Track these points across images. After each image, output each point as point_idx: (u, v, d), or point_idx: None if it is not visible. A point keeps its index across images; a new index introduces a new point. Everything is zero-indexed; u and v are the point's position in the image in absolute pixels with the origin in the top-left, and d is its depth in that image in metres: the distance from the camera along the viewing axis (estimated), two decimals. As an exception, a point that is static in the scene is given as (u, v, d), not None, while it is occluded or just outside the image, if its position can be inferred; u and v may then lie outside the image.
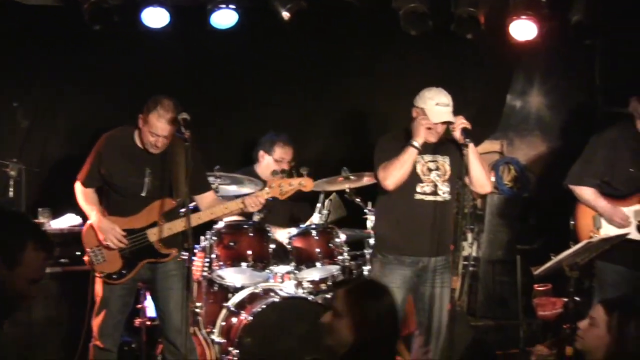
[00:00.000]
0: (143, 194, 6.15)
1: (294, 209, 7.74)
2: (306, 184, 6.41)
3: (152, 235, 6.14)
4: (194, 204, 6.38)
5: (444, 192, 6.45)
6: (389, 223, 6.57)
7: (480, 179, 6.51)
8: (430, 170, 6.46)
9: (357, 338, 3.92)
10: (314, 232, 7.09)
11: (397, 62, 8.56)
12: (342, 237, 7.15)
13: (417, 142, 6.30)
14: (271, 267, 6.92)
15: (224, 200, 6.46)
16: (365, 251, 7.36)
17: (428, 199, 6.44)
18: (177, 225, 6.13)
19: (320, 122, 8.65)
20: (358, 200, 7.40)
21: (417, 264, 6.46)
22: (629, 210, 6.86)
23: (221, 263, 6.79)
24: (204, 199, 6.39)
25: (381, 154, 6.52)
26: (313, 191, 7.21)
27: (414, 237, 6.45)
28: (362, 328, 3.91)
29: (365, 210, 7.40)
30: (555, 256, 6.32)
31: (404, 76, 8.46)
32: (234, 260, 6.80)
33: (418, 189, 6.44)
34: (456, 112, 6.40)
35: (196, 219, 6.12)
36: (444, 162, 6.48)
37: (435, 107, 6.36)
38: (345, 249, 7.15)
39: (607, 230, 6.85)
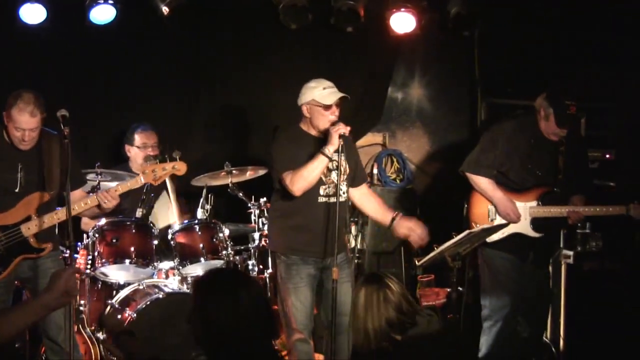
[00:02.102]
0: (16, 190, 6.20)
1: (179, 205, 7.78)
2: (180, 167, 6.48)
3: (26, 229, 6.19)
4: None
5: (343, 191, 6.54)
6: (291, 227, 6.64)
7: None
8: (330, 170, 6.53)
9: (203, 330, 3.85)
10: (197, 227, 7.22)
11: (277, 56, 8.69)
12: (226, 231, 7.31)
13: (330, 150, 6.35)
14: (155, 264, 7.03)
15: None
16: (250, 245, 7.56)
17: (331, 201, 6.54)
18: (51, 219, 6.24)
19: (201, 117, 8.74)
20: (241, 194, 7.55)
21: (321, 263, 6.59)
22: (524, 206, 7.04)
23: (104, 260, 6.88)
24: (74, 195, 6.32)
25: (283, 156, 6.54)
26: (198, 186, 7.45)
27: (317, 241, 6.55)
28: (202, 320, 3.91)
29: (249, 205, 7.56)
30: (437, 247, 6.45)
31: (285, 70, 8.60)
32: (116, 257, 6.91)
33: (321, 192, 6.55)
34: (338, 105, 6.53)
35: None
36: (342, 160, 6.46)
37: (324, 90, 6.47)
38: (229, 243, 7.31)
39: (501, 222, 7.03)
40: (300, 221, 6.59)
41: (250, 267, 7.49)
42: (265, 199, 7.46)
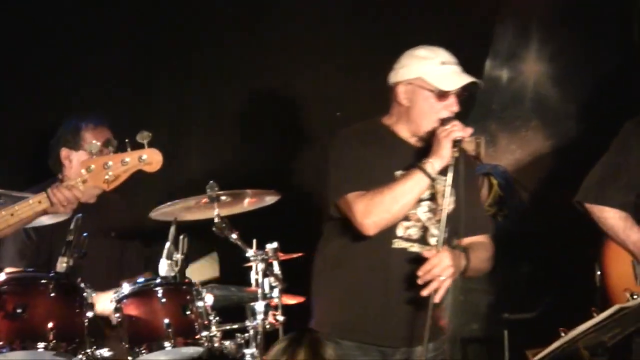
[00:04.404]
0: None
1: (125, 252, 7.90)
2: (150, 158, 6.35)
3: None
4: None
5: (436, 238, 6.36)
6: (346, 289, 6.58)
7: None
8: (420, 200, 6.42)
9: None
10: (159, 292, 7.03)
11: (292, 11, 8.87)
12: (209, 299, 7.13)
13: (434, 165, 6.25)
14: (88, 350, 6.73)
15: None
16: (249, 323, 7.31)
17: (413, 249, 6.43)
18: None
19: (169, 111, 9.01)
20: (235, 237, 7.26)
21: (393, 355, 6.49)
22: None
23: (2, 343, 6.58)
24: None
25: (349, 165, 6.47)
26: (162, 222, 7.28)
27: (387, 315, 6.45)
28: None
29: (248, 255, 7.31)
30: (567, 332, 6.17)
31: (303, 31, 8.78)
32: (23, 338, 6.62)
33: (399, 232, 6.43)
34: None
35: None
36: (444, 187, 6.34)
37: (443, 67, 6.42)
38: (214, 319, 7.11)
39: None
40: (360, 279, 6.52)
41: (247, 358, 7.29)
42: (276, 244, 7.34)
